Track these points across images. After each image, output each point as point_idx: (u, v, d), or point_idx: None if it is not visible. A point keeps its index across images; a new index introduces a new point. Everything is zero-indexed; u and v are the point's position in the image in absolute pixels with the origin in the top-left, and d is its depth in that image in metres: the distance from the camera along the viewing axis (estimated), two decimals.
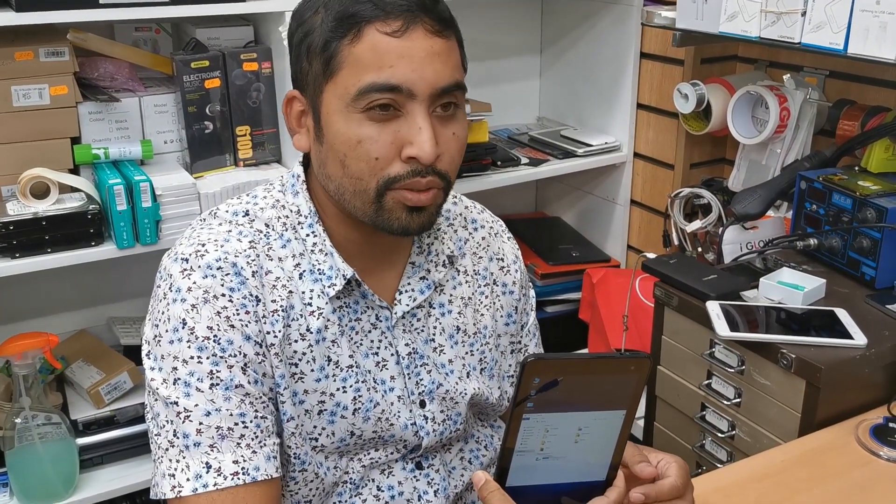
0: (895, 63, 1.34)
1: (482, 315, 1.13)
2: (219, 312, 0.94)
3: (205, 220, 1.03)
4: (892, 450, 1.15)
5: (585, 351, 2.10)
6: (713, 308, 1.34)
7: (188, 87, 1.70)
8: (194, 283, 0.94)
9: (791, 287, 1.38)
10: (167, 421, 0.93)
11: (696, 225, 1.90)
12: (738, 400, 1.36)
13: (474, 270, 1.14)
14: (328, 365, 1.00)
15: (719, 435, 1.40)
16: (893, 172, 1.53)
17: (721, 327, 1.30)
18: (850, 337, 1.26)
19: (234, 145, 1.78)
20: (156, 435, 0.95)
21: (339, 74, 0.93)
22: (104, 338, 1.93)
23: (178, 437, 0.92)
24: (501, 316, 1.16)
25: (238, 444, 0.93)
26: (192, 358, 0.93)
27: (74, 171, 1.65)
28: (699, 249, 1.92)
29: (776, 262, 1.51)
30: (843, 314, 1.33)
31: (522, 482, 0.83)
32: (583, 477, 0.85)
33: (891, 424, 1.19)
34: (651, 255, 1.64)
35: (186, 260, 0.96)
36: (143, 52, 1.80)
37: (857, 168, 1.56)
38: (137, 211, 1.58)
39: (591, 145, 2.16)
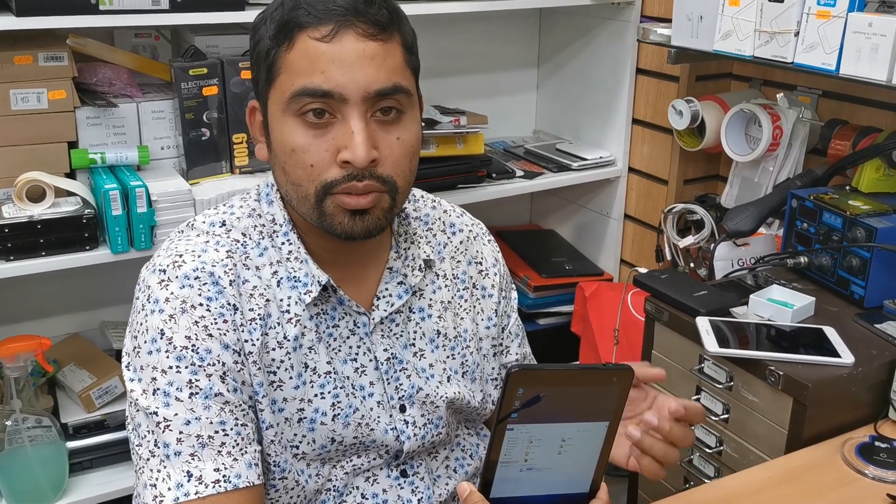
0: (886, 84, 1.36)
1: (462, 319, 1.14)
2: (196, 322, 0.94)
3: (182, 231, 1.04)
4: (877, 468, 1.15)
5: (576, 363, 2.11)
6: (703, 324, 1.35)
7: (186, 93, 1.70)
8: (172, 293, 0.95)
9: (780, 304, 1.39)
10: (148, 431, 0.93)
11: (689, 240, 1.91)
12: (725, 416, 1.37)
13: (453, 275, 1.14)
14: (305, 372, 1.01)
15: (707, 450, 1.41)
16: (884, 192, 1.55)
17: (710, 343, 1.31)
18: (837, 355, 1.27)
19: (230, 152, 1.79)
20: (137, 446, 0.95)
21: (278, 81, 0.95)
22: (96, 342, 1.93)
23: (158, 447, 0.92)
24: (482, 319, 1.17)
25: (219, 451, 0.93)
26: (170, 368, 0.93)
27: (71, 175, 1.66)
28: (691, 265, 1.93)
29: (766, 280, 1.52)
30: (831, 332, 1.33)
31: (506, 493, 0.84)
32: (566, 489, 0.86)
33: (877, 443, 1.20)
34: (643, 270, 1.65)
35: (164, 271, 0.96)
36: (141, 58, 1.81)
37: (848, 187, 1.58)
38: (133, 216, 1.58)
39: (586, 159, 2.17)
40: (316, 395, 1.01)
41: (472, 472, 1.16)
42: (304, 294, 1.01)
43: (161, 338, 0.94)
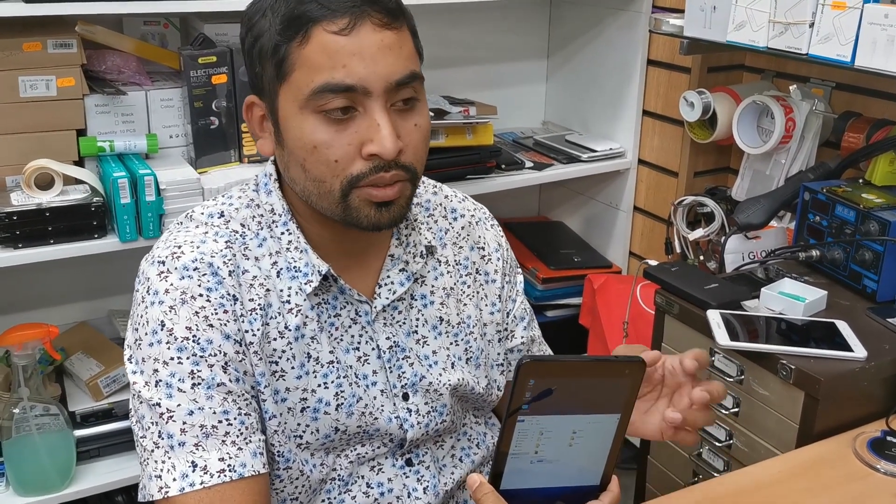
0: None
1: (465, 305, 1.13)
2: (197, 312, 0.94)
3: (181, 223, 1.03)
4: (889, 463, 1.14)
5: (587, 354, 2.10)
6: (714, 317, 1.34)
7: (195, 82, 1.70)
8: (171, 284, 0.94)
9: (792, 298, 1.38)
10: (151, 423, 0.93)
11: (699, 233, 1.89)
12: (736, 409, 1.36)
13: (455, 260, 1.14)
14: (308, 362, 1.01)
15: (717, 444, 1.40)
16: None
17: (721, 336, 1.30)
18: (850, 349, 1.26)
19: (239, 141, 1.79)
20: (141, 437, 0.95)
21: (292, 77, 0.92)
22: (104, 330, 1.93)
23: (162, 438, 0.92)
24: (486, 305, 1.16)
25: (223, 441, 0.93)
26: (172, 359, 0.93)
27: (79, 163, 1.65)
28: (701, 258, 1.91)
29: (778, 273, 1.51)
30: (843, 326, 1.32)
31: (517, 485, 0.83)
32: (577, 481, 0.85)
33: (889, 438, 1.19)
34: (653, 262, 1.64)
35: (163, 262, 0.96)
36: (150, 46, 1.80)
37: (861, 181, 1.56)
38: (141, 204, 1.58)
39: (595, 151, 2.16)
40: (319, 385, 1.01)
41: (479, 461, 1.16)
42: (305, 284, 1.00)
43: (162, 329, 0.93)
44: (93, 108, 1.66)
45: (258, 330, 0.97)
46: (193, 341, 0.93)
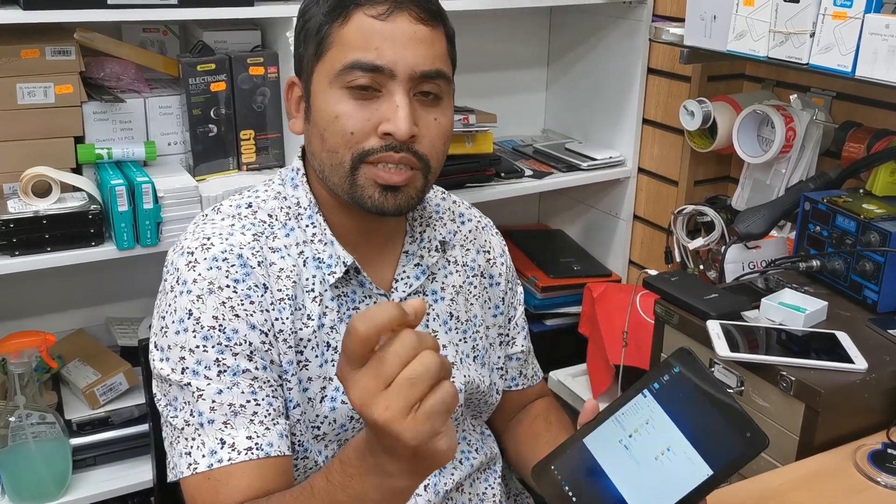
0: None
1: (472, 305, 1.16)
2: (223, 303, 0.96)
3: (207, 215, 1.06)
4: (890, 476, 1.14)
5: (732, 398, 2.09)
6: (713, 327, 1.33)
7: (194, 89, 1.69)
8: (199, 274, 0.97)
9: (792, 308, 1.37)
10: (184, 402, 0.96)
11: (699, 242, 1.89)
12: None
13: (463, 261, 1.17)
14: (328, 351, 1.03)
15: None
16: None
17: (721, 347, 1.29)
18: (850, 361, 1.25)
19: (237, 149, 1.78)
20: (172, 417, 0.97)
21: (328, 54, 0.98)
22: (101, 338, 1.92)
23: (193, 416, 0.95)
24: (490, 307, 1.19)
25: (251, 420, 0.95)
26: (198, 347, 0.95)
27: (77, 170, 1.65)
28: (701, 267, 1.91)
29: (778, 283, 1.50)
30: (844, 337, 1.32)
31: (596, 451, 0.84)
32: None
33: (889, 451, 1.18)
34: (652, 272, 1.63)
35: (192, 253, 0.99)
36: (149, 53, 1.80)
37: (861, 191, 1.56)
38: (139, 212, 1.57)
39: (595, 159, 2.15)
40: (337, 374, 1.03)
41: (478, 465, 1.18)
42: (329, 275, 1.03)
43: (189, 318, 0.96)
44: (91, 115, 1.65)
45: (287, 318, 1.00)
46: (219, 330, 0.96)
